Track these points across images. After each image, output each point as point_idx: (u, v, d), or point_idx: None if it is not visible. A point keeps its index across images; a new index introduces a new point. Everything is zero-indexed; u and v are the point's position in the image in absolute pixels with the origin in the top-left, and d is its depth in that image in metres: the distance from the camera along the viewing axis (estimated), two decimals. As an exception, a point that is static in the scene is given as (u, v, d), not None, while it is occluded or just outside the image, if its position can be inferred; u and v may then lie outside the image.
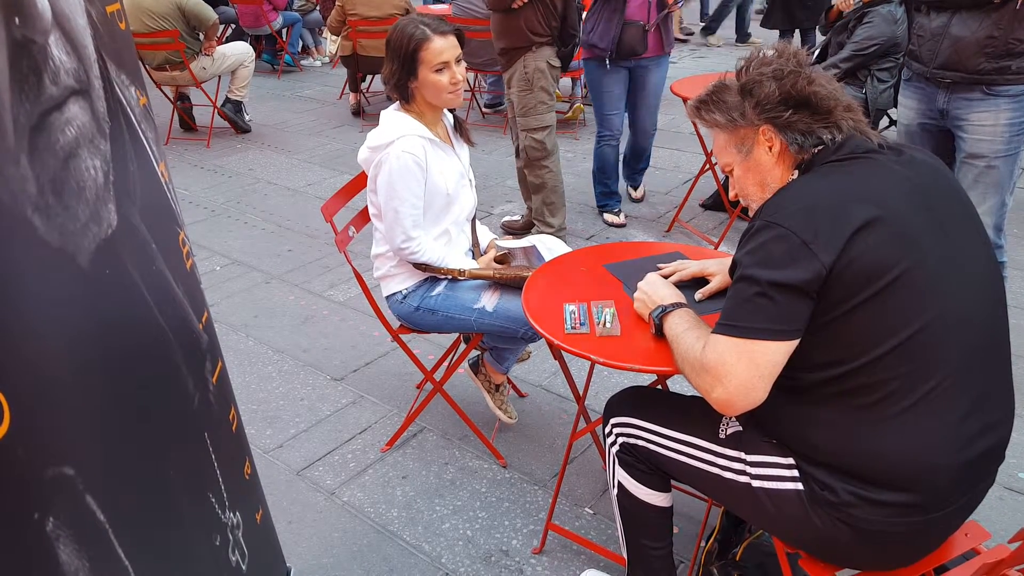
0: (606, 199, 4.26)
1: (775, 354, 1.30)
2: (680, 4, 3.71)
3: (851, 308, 1.27)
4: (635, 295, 1.72)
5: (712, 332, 1.38)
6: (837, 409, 1.34)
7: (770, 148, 1.45)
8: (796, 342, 1.31)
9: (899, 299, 1.26)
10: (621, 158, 4.21)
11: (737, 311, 1.33)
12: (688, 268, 1.84)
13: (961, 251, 1.35)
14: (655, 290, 1.68)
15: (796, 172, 1.45)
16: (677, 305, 1.59)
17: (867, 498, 1.32)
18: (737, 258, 1.37)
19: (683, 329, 1.50)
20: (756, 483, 1.43)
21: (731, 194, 1.59)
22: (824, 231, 1.26)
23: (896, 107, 3.13)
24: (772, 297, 1.28)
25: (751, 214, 1.51)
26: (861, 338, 1.28)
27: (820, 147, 1.41)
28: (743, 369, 1.31)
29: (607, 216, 4.27)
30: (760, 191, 1.49)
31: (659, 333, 1.59)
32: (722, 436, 1.50)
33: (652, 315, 1.61)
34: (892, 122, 4.56)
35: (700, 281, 1.82)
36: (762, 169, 1.47)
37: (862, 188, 1.32)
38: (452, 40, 2.12)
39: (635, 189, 4.54)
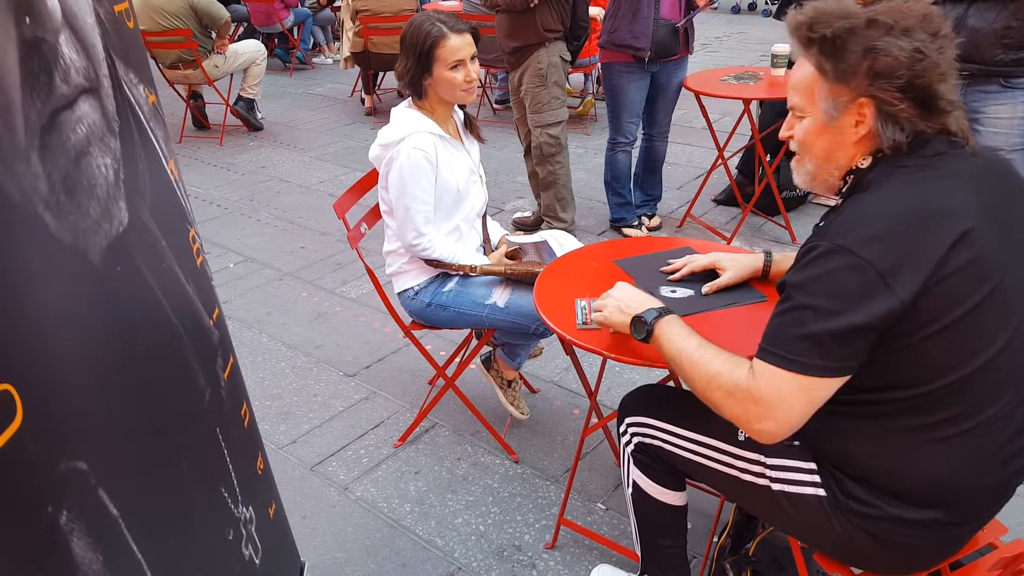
0: (622, 211, 4.01)
1: (833, 388, 1.22)
2: (715, 4, 3.60)
3: (923, 338, 1.16)
4: (604, 301, 1.59)
5: (761, 359, 1.24)
6: (883, 426, 1.27)
7: (857, 125, 1.25)
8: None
9: (975, 327, 1.17)
10: (632, 169, 4.00)
11: (798, 345, 1.19)
12: (698, 260, 1.82)
13: None
14: (632, 295, 1.56)
15: (869, 158, 1.28)
16: (667, 310, 1.49)
17: (896, 515, 1.28)
18: (797, 280, 1.21)
19: (695, 344, 1.37)
20: (776, 486, 1.40)
21: (782, 133, 1.37)
22: (904, 262, 1.13)
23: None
24: (840, 337, 1.16)
25: (794, 164, 1.37)
26: (929, 367, 1.19)
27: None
28: (800, 405, 1.21)
29: (627, 231, 4.02)
30: (823, 163, 1.32)
31: (646, 339, 1.47)
32: (741, 438, 1.45)
33: (641, 318, 1.48)
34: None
35: (708, 275, 1.80)
36: (838, 141, 1.28)
37: (941, 203, 1.17)
38: (468, 38, 2.12)
39: (649, 218, 4.14)
